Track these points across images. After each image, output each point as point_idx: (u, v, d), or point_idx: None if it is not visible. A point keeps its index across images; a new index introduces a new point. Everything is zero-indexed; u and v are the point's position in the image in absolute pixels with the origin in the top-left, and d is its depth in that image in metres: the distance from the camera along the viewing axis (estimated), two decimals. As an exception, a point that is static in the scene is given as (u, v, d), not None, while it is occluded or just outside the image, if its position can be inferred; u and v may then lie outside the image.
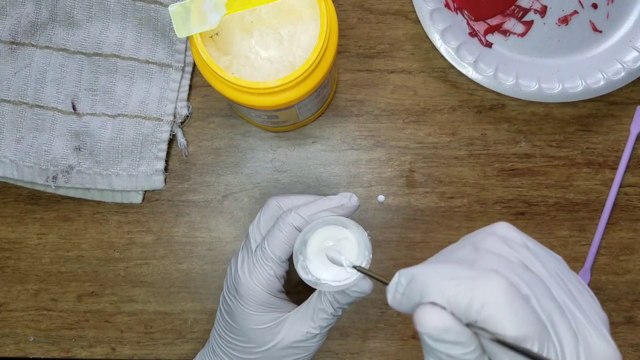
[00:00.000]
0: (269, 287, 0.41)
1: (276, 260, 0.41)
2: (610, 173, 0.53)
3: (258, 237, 0.43)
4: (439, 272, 0.26)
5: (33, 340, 0.53)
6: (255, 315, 0.41)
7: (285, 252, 0.41)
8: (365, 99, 0.54)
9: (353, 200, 0.41)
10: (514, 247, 0.29)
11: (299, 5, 0.42)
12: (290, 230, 0.40)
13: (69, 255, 0.53)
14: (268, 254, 0.41)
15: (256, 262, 0.41)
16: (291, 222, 0.41)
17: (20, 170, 0.52)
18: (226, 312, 0.43)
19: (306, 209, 0.41)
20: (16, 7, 0.52)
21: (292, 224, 0.41)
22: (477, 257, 0.27)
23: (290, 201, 0.43)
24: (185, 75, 0.54)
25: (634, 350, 0.52)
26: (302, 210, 0.41)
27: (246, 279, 0.41)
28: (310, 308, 0.42)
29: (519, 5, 0.53)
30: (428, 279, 0.26)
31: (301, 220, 0.41)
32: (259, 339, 0.42)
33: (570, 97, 0.51)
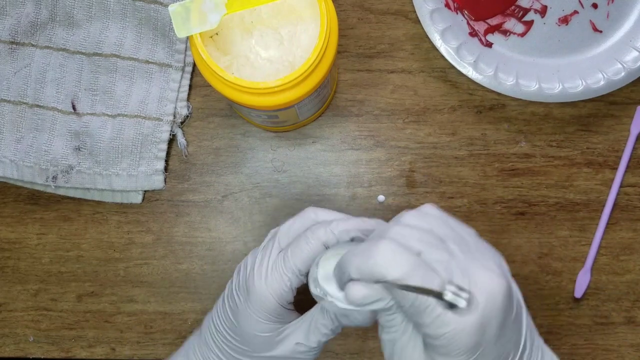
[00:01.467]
0: (282, 298, 0.40)
1: (296, 272, 0.39)
2: (610, 173, 0.53)
3: (284, 242, 0.41)
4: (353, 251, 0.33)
5: (33, 340, 0.53)
6: (260, 322, 0.40)
7: (306, 265, 0.39)
8: (365, 99, 0.54)
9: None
10: (427, 219, 0.35)
11: (299, 5, 0.42)
12: (317, 244, 0.39)
13: (69, 255, 0.53)
14: (290, 264, 0.39)
15: (275, 270, 0.40)
16: (320, 236, 0.39)
17: (20, 170, 0.52)
18: (230, 308, 0.42)
19: (337, 225, 0.39)
20: (16, 7, 0.52)
21: (321, 238, 0.39)
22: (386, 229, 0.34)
23: (327, 215, 0.41)
24: (185, 75, 0.54)
25: (634, 350, 0.52)
26: (334, 226, 0.39)
27: (261, 284, 0.40)
28: (312, 322, 0.41)
29: (519, 5, 0.53)
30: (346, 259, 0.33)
31: (331, 236, 0.39)
32: (257, 345, 0.41)
33: (570, 97, 0.51)
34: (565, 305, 0.53)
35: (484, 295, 0.32)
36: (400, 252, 0.32)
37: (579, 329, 0.53)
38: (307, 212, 0.42)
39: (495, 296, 0.32)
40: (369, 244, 0.33)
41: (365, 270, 0.32)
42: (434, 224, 0.35)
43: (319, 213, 0.41)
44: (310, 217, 0.41)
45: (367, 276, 0.32)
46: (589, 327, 0.53)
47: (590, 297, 0.53)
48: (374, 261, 0.32)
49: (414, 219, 0.35)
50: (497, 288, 0.32)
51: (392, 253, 0.32)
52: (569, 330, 0.53)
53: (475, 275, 0.32)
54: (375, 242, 0.33)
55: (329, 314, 0.40)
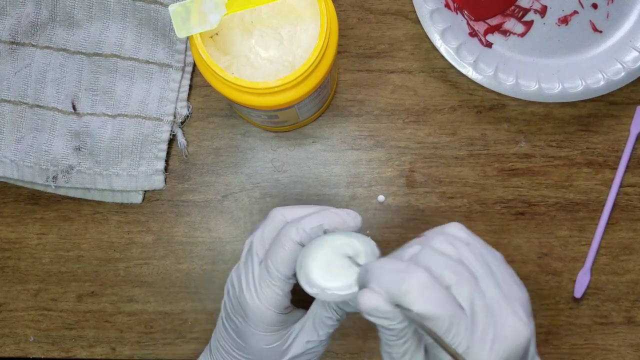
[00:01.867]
0: (278, 307, 0.40)
1: (282, 278, 0.39)
2: (610, 173, 0.53)
3: (261, 252, 0.41)
4: (383, 266, 0.34)
5: (33, 340, 0.53)
6: (265, 335, 0.40)
7: (290, 268, 0.39)
8: (365, 99, 0.54)
9: (357, 221, 0.40)
10: (455, 244, 0.35)
11: (299, 5, 0.42)
12: (293, 245, 0.38)
13: (69, 255, 0.53)
14: (274, 273, 0.39)
15: (262, 283, 0.39)
16: (293, 237, 0.38)
17: (20, 170, 0.52)
18: (233, 330, 0.42)
19: (308, 222, 0.39)
20: (16, 7, 0.52)
21: (294, 239, 0.38)
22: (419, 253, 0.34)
23: (294, 212, 0.41)
24: (185, 75, 0.54)
25: (634, 350, 0.52)
26: (305, 224, 0.39)
27: (254, 301, 0.39)
28: (315, 317, 0.40)
29: (519, 5, 0.53)
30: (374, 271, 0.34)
31: (304, 234, 0.38)
32: (269, 356, 0.41)
33: (570, 97, 0.51)
34: (565, 305, 0.53)
35: (507, 342, 0.32)
36: (432, 286, 0.32)
37: (579, 328, 0.53)
38: (274, 214, 0.41)
39: (518, 344, 0.32)
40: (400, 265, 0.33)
41: (394, 293, 0.32)
42: (464, 253, 0.35)
43: (286, 213, 0.41)
44: (279, 219, 0.40)
45: (392, 297, 0.32)
46: (588, 327, 0.53)
47: (590, 297, 0.53)
48: (407, 288, 0.32)
49: (445, 245, 0.35)
50: (521, 336, 0.32)
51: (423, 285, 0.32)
52: (568, 330, 0.53)
53: (502, 318, 0.32)
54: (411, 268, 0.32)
55: (331, 305, 0.40)
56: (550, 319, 0.52)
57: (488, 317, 0.32)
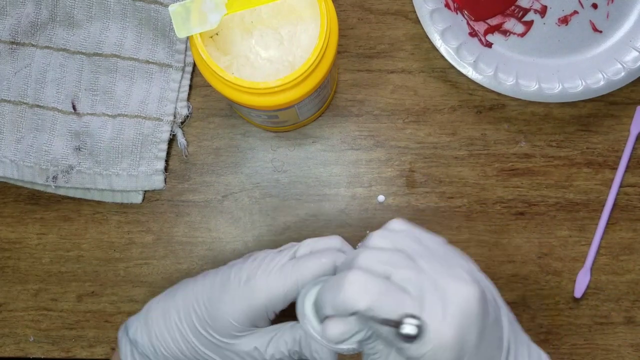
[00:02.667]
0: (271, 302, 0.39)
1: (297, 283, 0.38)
2: (610, 173, 0.53)
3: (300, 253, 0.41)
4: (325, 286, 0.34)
5: (33, 340, 0.53)
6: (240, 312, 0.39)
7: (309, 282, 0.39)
8: (365, 99, 0.54)
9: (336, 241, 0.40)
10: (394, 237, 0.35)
11: (299, 5, 0.42)
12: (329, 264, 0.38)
13: (69, 255, 0.53)
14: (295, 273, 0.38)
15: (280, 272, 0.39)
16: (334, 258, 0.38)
17: (20, 170, 0.52)
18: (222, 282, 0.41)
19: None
20: (16, 7, 0.52)
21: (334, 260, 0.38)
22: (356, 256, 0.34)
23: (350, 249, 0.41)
24: (185, 75, 0.54)
25: (634, 350, 0.52)
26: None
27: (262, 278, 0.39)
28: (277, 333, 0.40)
29: (519, 5, 0.53)
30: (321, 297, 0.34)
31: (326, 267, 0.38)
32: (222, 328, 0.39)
33: (570, 97, 0.51)
34: (565, 305, 0.53)
35: (457, 306, 0.31)
36: (369, 280, 0.32)
37: (579, 328, 0.53)
38: (335, 238, 0.41)
39: (469, 304, 0.32)
40: (338, 277, 0.33)
41: (338, 304, 0.32)
42: (401, 242, 0.35)
43: (345, 246, 0.41)
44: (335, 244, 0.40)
45: (341, 310, 0.32)
46: (588, 327, 0.53)
47: (590, 297, 0.53)
48: (343, 294, 0.32)
49: (380, 239, 0.35)
50: (469, 296, 0.32)
51: (360, 283, 0.32)
52: (568, 330, 0.53)
53: (446, 287, 0.32)
54: (344, 273, 0.33)
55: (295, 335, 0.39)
56: (550, 319, 0.53)
57: (433, 290, 0.32)
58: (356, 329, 0.33)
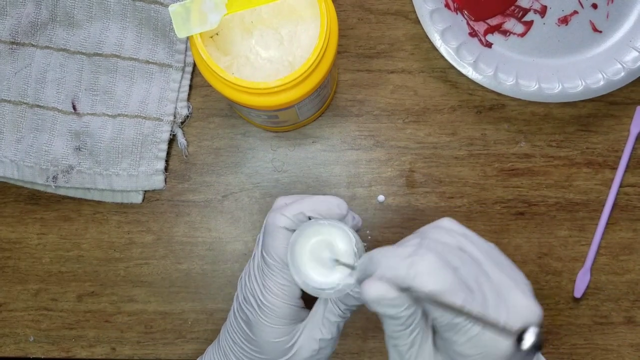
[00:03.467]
0: (286, 297, 0.39)
1: (279, 266, 0.39)
2: (610, 173, 0.53)
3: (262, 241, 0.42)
4: (388, 252, 0.33)
5: (33, 340, 0.53)
6: (274, 327, 0.40)
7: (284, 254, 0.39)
8: (365, 99, 0.54)
9: (342, 208, 0.40)
10: (453, 235, 0.35)
11: (299, 5, 0.42)
12: (281, 232, 0.39)
13: (69, 255, 0.54)
14: (269, 262, 0.39)
15: (263, 273, 0.40)
16: (279, 224, 0.39)
17: (20, 170, 0.52)
18: (243, 321, 0.42)
19: (290, 208, 0.39)
20: (16, 7, 0.52)
21: (280, 225, 0.39)
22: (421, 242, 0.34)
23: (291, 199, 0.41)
24: (185, 75, 0.54)
25: (634, 350, 0.52)
26: (287, 210, 0.39)
27: (261, 291, 0.40)
28: (319, 315, 0.40)
29: (519, 5, 0.53)
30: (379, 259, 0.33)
31: (287, 221, 0.39)
32: (275, 351, 0.40)
33: (570, 97, 0.51)
34: (565, 305, 0.53)
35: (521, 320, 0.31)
36: (443, 267, 0.32)
37: (579, 328, 0.53)
38: (277, 202, 0.42)
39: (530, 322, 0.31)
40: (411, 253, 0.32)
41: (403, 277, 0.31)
42: (462, 241, 0.35)
43: (287, 200, 0.41)
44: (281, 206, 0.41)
45: (401, 282, 0.32)
46: (588, 327, 0.53)
47: (589, 297, 0.53)
48: (417, 270, 0.31)
49: (443, 235, 0.35)
50: (534, 315, 0.32)
51: (435, 266, 0.31)
52: (568, 330, 0.53)
53: (512, 298, 0.32)
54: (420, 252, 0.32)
55: (333, 301, 0.40)
56: (550, 319, 0.53)
57: (498, 297, 0.32)
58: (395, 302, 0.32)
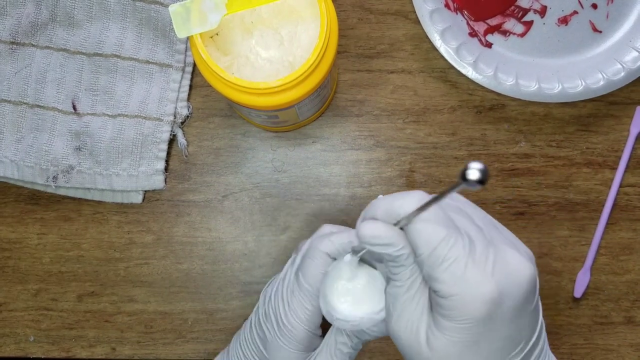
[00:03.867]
0: (309, 323, 0.39)
1: (311, 291, 0.38)
2: (610, 173, 0.53)
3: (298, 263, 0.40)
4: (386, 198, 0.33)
5: (33, 340, 0.53)
6: (289, 351, 0.39)
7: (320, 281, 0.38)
8: (365, 99, 0.54)
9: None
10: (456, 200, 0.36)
11: (299, 6, 0.42)
12: (323, 257, 0.37)
13: (69, 255, 0.54)
14: (303, 285, 0.38)
15: (293, 295, 0.39)
16: (322, 249, 0.37)
17: (20, 170, 0.52)
18: (259, 337, 0.41)
19: (338, 236, 0.38)
20: (16, 7, 0.52)
21: (323, 250, 0.37)
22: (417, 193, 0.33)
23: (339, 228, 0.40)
24: (185, 75, 0.54)
25: (634, 350, 0.52)
26: (334, 238, 0.38)
27: (285, 312, 0.39)
28: (330, 344, 0.40)
29: (519, 5, 0.53)
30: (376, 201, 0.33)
31: (332, 246, 0.37)
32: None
33: (570, 97, 0.51)
34: (565, 305, 0.53)
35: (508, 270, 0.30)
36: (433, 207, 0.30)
37: (579, 328, 0.53)
38: (322, 229, 0.41)
39: (519, 277, 0.30)
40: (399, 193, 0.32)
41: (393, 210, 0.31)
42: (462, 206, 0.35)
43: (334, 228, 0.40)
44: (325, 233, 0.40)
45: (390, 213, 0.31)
46: (588, 327, 0.53)
47: (589, 297, 0.53)
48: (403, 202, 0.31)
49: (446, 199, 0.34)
50: (524, 270, 0.30)
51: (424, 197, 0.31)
52: (568, 330, 0.53)
53: (503, 251, 0.31)
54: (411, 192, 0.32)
55: (346, 331, 0.39)
56: (550, 319, 0.53)
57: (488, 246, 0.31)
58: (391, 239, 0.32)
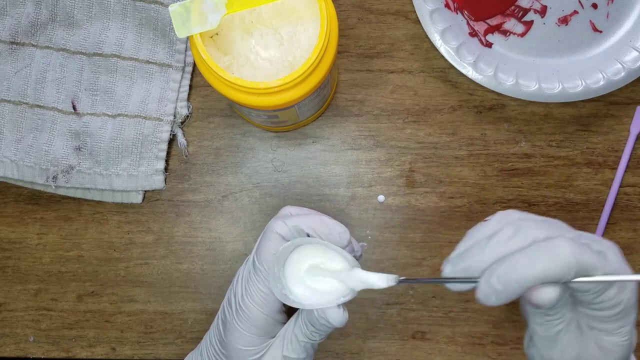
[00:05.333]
0: (265, 307, 0.38)
1: (266, 273, 0.38)
2: (610, 173, 0.53)
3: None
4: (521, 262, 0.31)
5: (33, 340, 0.53)
6: (246, 335, 0.39)
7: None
8: (365, 99, 0.54)
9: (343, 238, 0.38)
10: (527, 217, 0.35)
11: (299, 5, 0.42)
12: (277, 239, 0.37)
13: (69, 255, 0.54)
14: (258, 267, 0.38)
15: (250, 278, 0.39)
16: (276, 229, 0.38)
17: (20, 170, 0.52)
18: (222, 321, 0.41)
19: (294, 219, 0.38)
20: (16, 7, 0.52)
21: (277, 231, 0.37)
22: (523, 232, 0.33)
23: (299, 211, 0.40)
24: (185, 75, 0.54)
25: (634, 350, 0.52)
26: (289, 220, 0.38)
27: (242, 296, 0.39)
28: (288, 332, 0.39)
29: (519, 5, 0.53)
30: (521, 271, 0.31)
31: (286, 229, 0.37)
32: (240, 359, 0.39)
33: (570, 97, 0.51)
34: (565, 305, 0.53)
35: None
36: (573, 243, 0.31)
37: (579, 328, 0.53)
38: (283, 210, 0.41)
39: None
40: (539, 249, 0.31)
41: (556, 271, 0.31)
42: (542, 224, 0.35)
43: (293, 210, 0.40)
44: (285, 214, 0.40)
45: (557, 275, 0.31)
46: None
47: (590, 297, 0.53)
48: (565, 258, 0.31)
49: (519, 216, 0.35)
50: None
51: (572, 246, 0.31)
52: (568, 330, 0.53)
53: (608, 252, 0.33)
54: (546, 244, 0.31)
55: (303, 320, 0.38)
56: (550, 319, 0.52)
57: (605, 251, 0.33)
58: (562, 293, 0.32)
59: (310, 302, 0.37)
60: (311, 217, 0.38)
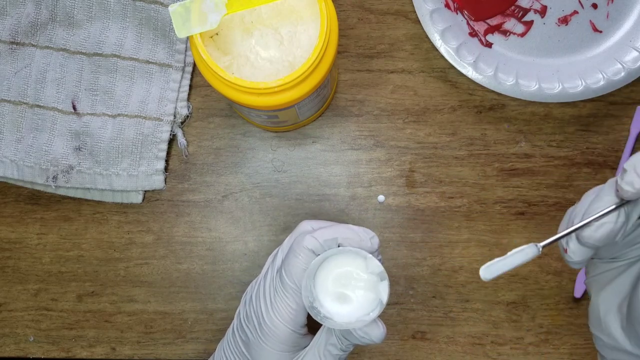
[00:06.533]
0: (293, 323, 0.38)
1: (295, 289, 0.37)
2: (610, 173, 0.53)
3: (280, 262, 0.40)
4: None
5: (33, 340, 0.53)
6: (274, 352, 0.38)
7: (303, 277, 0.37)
8: (365, 99, 0.54)
9: (374, 242, 0.38)
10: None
11: (299, 5, 0.42)
12: (307, 254, 0.37)
13: (69, 255, 0.54)
14: (286, 283, 0.37)
15: (275, 294, 0.38)
16: (306, 245, 0.37)
17: (20, 170, 0.52)
18: (242, 341, 0.40)
19: (323, 232, 0.37)
20: (16, 7, 0.52)
21: (308, 247, 0.37)
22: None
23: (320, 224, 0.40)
24: (185, 75, 0.54)
25: (634, 350, 0.52)
26: (319, 234, 0.37)
27: (267, 312, 0.38)
28: (320, 346, 0.39)
29: (519, 5, 0.53)
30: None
31: (316, 243, 0.37)
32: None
33: (570, 97, 0.51)
34: (565, 305, 0.53)
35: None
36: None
37: (579, 328, 0.53)
38: (302, 225, 0.40)
39: None
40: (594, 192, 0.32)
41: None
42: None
43: (314, 224, 0.40)
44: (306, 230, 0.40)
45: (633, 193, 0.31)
46: (588, 327, 0.53)
47: (590, 297, 0.53)
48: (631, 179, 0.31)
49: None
50: None
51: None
52: (568, 330, 0.53)
53: None
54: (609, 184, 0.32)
55: (335, 332, 0.38)
56: (550, 319, 0.53)
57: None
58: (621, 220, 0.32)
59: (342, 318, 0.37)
60: (339, 227, 0.38)
